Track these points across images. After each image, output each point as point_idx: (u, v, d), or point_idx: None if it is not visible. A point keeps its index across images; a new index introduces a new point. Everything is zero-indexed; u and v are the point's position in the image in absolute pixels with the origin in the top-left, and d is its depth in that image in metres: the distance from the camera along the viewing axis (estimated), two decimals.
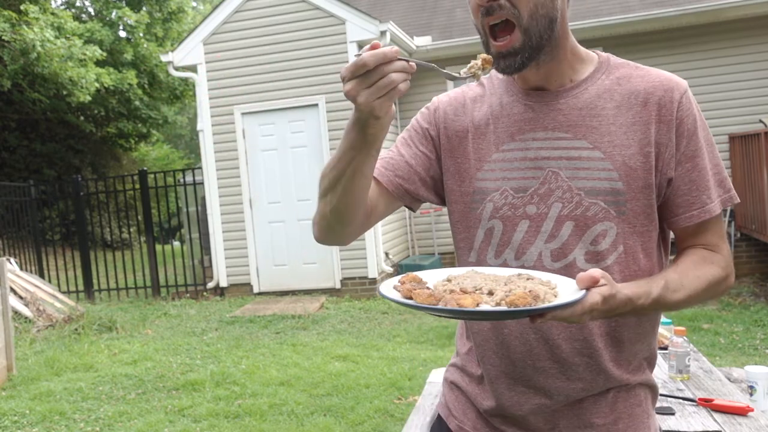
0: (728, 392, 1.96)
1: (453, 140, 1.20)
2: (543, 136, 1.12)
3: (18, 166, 14.50)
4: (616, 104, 1.11)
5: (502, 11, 1.05)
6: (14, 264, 8.36)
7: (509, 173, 1.14)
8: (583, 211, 1.10)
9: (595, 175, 1.09)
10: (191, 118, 23.48)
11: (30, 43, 10.70)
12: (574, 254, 1.11)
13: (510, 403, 1.18)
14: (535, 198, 1.12)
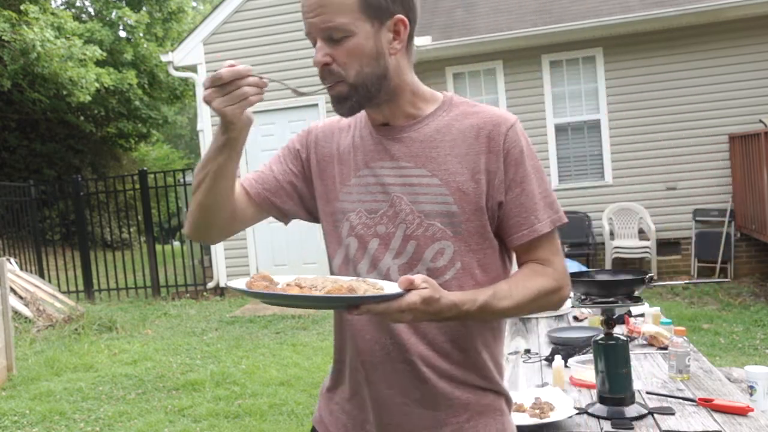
0: (728, 392, 1.96)
1: (321, 163, 1.34)
2: (389, 165, 1.27)
3: (18, 166, 14.49)
4: (452, 137, 1.26)
5: (332, 76, 1.23)
6: (14, 264, 8.36)
7: (363, 196, 1.29)
8: (423, 231, 1.24)
9: (433, 200, 1.24)
10: (191, 118, 23.48)
11: (30, 43, 10.70)
12: (417, 269, 1.24)
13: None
14: (384, 219, 1.27)
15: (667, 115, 8.55)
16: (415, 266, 1.24)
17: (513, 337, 2.83)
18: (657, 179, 8.62)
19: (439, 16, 9.82)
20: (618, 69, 8.69)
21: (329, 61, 1.23)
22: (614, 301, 1.85)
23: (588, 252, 8.51)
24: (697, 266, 8.46)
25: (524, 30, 8.63)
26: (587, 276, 2.07)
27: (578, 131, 8.93)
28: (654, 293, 7.61)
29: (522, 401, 1.88)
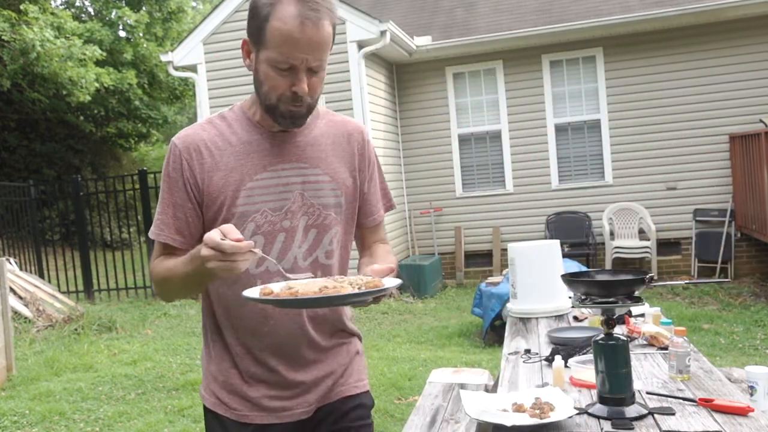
0: (728, 392, 1.96)
1: (205, 179, 1.44)
2: (290, 166, 1.46)
3: (18, 166, 14.48)
4: (332, 141, 1.52)
5: (303, 100, 1.40)
6: (14, 264, 8.36)
7: (267, 197, 1.44)
8: (322, 221, 1.49)
9: (328, 194, 1.49)
10: (191, 118, 23.46)
11: (30, 42, 10.70)
12: (317, 253, 1.49)
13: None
14: (288, 214, 1.46)
15: (668, 114, 8.55)
16: (315, 251, 1.49)
17: (513, 337, 2.83)
18: (657, 179, 8.62)
19: (439, 16, 9.82)
20: (618, 69, 8.69)
21: (306, 91, 1.39)
22: (614, 301, 1.84)
23: (588, 252, 8.51)
24: (698, 266, 8.46)
25: (524, 30, 8.63)
26: (587, 276, 2.06)
27: (578, 131, 8.93)
28: (654, 293, 7.61)
29: (522, 401, 1.87)
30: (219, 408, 1.57)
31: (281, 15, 1.33)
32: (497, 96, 9.13)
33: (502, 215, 9.15)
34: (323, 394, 1.55)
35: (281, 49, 1.34)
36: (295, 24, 1.32)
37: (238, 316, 1.50)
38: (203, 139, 1.45)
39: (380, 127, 8.65)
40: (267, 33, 1.35)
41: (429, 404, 3.10)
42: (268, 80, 1.39)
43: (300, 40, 1.33)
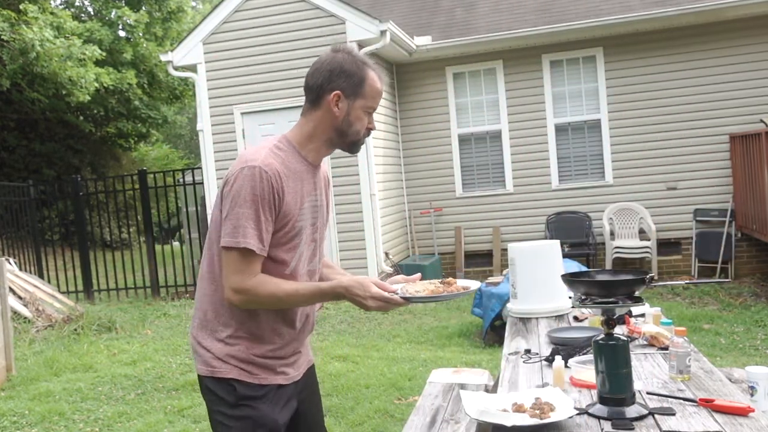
0: (729, 393, 1.95)
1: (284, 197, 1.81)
2: (317, 193, 1.94)
3: (17, 166, 14.48)
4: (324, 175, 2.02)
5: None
6: (13, 264, 8.35)
7: (309, 215, 1.90)
8: (323, 234, 2.01)
9: (327, 211, 2.01)
10: (191, 118, 23.48)
11: (29, 42, 10.69)
12: (323, 258, 2.06)
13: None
14: (317, 230, 1.96)
15: (668, 114, 8.55)
16: (322, 256, 2.04)
17: (513, 337, 2.82)
18: (657, 179, 8.62)
19: (439, 16, 9.82)
20: (618, 69, 8.69)
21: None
22: (615, 301, 1.84)
23: (588, 252, 8.50)
24: (698, 266, 8.46)
25: (524, 30, 8.62)
26: (587, 276, 2.06)
27: (578, 131, 8.92)
28: (654, 293, 7.61)
29: (522, 401, 1.87)
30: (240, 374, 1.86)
31: (372, 77, 1.91)
32: (497, 96, 9.13)
33: (502, 215, 9.15)
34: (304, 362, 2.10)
35: (374, 99, 1.93)
36: (379, 83, 1.94)
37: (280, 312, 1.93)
38: (278, 166, 1.80)
39: (380, 127, 8.64)
40: (365, 88, 1.88)
41: (429, 404, 3.10)
42: (359, 121, 1.89)
43: (380, 92, 1.97)
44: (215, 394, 1.88)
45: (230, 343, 1.87)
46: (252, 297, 1.78)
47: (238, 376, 1.86)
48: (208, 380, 1.89)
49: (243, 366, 1.87)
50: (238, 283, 1.76)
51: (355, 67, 1.85)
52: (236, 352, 1.87)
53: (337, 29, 8.09)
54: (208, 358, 1.88)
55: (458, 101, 9.27)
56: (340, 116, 1.85)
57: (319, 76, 1.85)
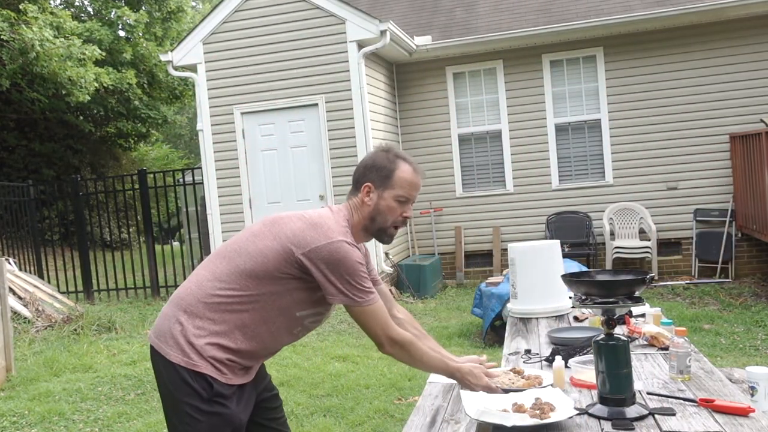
0: (729, 393, 1.95)
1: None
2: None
3: (17, 166, 14.47)
4: None
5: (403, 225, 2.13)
6: (13, 264, 8.35)
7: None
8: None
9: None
10: (191, 118, 23.47)
11: (29, 42, 10.68)
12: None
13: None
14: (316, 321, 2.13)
15: (668, 114, 8.54)
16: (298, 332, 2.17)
17: (513, 337, 2.82)
18: (657, 179, 8.62)
19: (439, 16, 9.82)
20: (618, 68, 8.69)
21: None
22: (615, 301, 1.84)
23: (588, 252, 8.50)
24: (698, 266, 8.45)
25: (524, 29, 8.62)
26: (588, 276, 2.06)
27: (578, 131, 8.92)
28: (655, 293, 7.60)
29: (522, 401, 1.87)
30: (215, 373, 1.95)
31: (403, 168, 2.07)
32: (497, 96, 9.13)
33: (502, 215, 9.15)
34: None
35: (404, 188, 2.06)
36: (414, 175, 2.09)
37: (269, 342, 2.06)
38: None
39: (380, 127, 8.64)
40: (395, 179, 2.05)
41: (429, 404, 3.09)
42: (390, 210, 2.06)
43: (416, 183, 2.09)
44: (191, 387, 1.94)
45: (213, 345, 1.95)
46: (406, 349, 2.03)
47: (212, 373, 1.94)
48: (184, 371, 1.94)
49: (219, 366, 1.96)
50: (392, 334, 2.01)
51: (387, 161, 2.07)
52: (217, 354, 1.96)
53: (337, 29, 8.09)
54: (189, 351, 1.94)
55: (458, 101, 9.27)
56: (371, 205, 2.06)
57: (359, 170, 2.12)
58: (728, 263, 8.30)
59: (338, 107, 8.16)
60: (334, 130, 8.17)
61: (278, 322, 2.00)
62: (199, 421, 1.94)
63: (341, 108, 8.13)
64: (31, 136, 14.94)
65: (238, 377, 2.01)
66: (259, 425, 2.16)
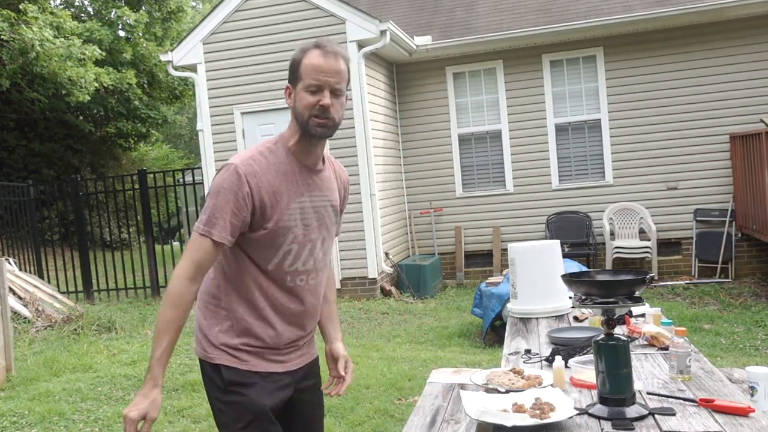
0: (729, 393, 1.95)
1: (263, 197, 1.86)
2: (317, 194, 1.97)
3: (17, 166, 14.47)
4: (333, 178, 2.07)
5: (327, 114, 1.87)
6: (13, 264, 8.35)
7: (302, 215, 1.93)
8: (330, 235, 2.05)
9: (332, 216, 2.04)
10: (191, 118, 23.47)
11: (29, 42, 10.68)
12: (326, 259, 2.04)
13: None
14: (314, 231, 1.97)
15: (668, 114, 8.54)
16: (325, 257, 2.03)
17: (513, 337, 2.82)
18: (658, 179, 8.62)
19: (439, 16, 9.82)
20: (619, 68, 8.69)
21: (331, 105, 1.87)
22: (615, 301, 1.84)
23: (588, 252, 8.50)
24: (698, 266, 8.45)
25: (524, 30, 8.62)
26: (588, 276, 2.06)
27: (579, 131, 8.92)
28: (655, 293, 7.60)
29: (522, 401, 1.87)
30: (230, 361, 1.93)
31: (310, 56, 1.87)
32: (497, 96, 9.13)
33: (502, 215, 9.15)
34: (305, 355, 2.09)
35: (311, 76, 1.86)
36: (320, 58, 1.87)
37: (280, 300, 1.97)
38: (257, 167, 1.86)
39: (380, 126, 8.64)
40: (301, 69, 1.87)
41: (429, 404, 3.10)
42: (302, 101, 1.86)
43: (322, 66, 1.86)
44: (210, 379, 1.99)
45: (225, 330, 1.94)
46: (169, 287, 1.82)
47: (227, 362, 1.93)
48: (205, 364, 2.00)
49: (233, 353, 1.93)
50: (183, 269, 1.81)
51: (296, 55, 1.90)
52: (228, 340, 1.94)
53: (336, 29, 8.08)
54: (205, 344, 1.97)
55: (458, 101, 9.27)
56: (292, 106, 1.90)
57: None
58: (728, 263, 8.30)
59: None
60: None
61: (254, 273, 1.90)
62: (223, 413, 1.96)
63: None
64: (31, 136, 14.94)
65: (263, 362, 1.95)
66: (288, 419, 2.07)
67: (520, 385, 2.06)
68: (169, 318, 1.80)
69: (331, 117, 1.87)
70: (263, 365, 1.95)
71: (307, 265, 1.96)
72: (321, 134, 1.88)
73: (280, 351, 1.99)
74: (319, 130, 1.87)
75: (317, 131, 1.87)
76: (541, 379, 2.10)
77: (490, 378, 2.16)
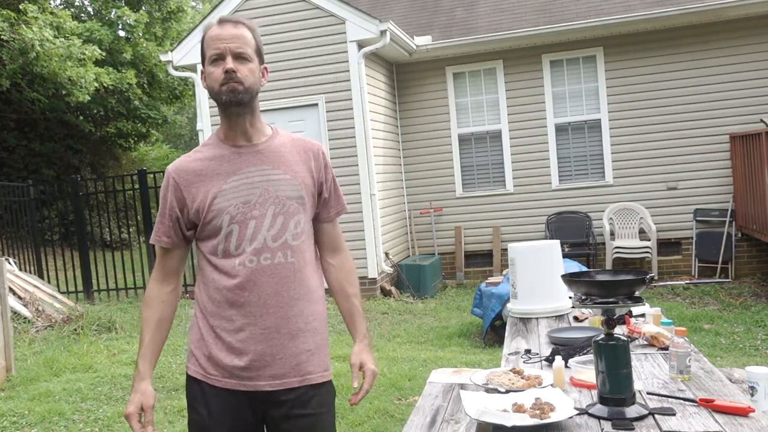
0: (729, 393, 1.95)
1: (190, 190, 1.85)
2: (254, 169, 1.86)
3: (17, 166, 14.47)
4: (290, 150, 1.93)
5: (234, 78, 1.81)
6: (13, 264, 8.35)
7: (237, 194, 1.83)
8: (287, 209, 1.86)
9: (290, 188, 1.87)
10: (191, 118, 23.47)
11: (29, 42, 10.69)
12: (285, 236, 1.85)
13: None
14: (256, 206, 1.83)
15: (668, 114, 8.54)
16: (284, 234, 1.85)
17: (513, 337, 2.82)
18: (658, 179, 8.62)
19: (439, 16, 9.82)
20: (619, 68, 8.69)
21: (235, 69, 1.81)
22: (615, 301, 1.84)
23: (588, 252, 8.50)
24: (698, 266, 8.45)
25: (524, 30, 8.62)
26: (588, 276, 2.06)
27: (578, 131, 8.92)
28: (655, 293, 7.60)
29: (522, 401, 1.87)
30: (192, 368, 1.88)
31: (209, 31, 1.86)
32: (497, 96, 9.13)
33: (502, 215, 9.15)
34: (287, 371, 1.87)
35: (212, 46, 1.83)
36: (216, 29, 1.85)
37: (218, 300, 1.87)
38: (184, 163, 1.89)
39: (380, 126, 8.64)
40: (204, 46, 1.86)
41: (429, 404, 3.10)
42: (210, 76, 1.83)
43: (220, 34, 1.83)
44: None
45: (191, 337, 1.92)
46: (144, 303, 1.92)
47: (191, 370, 1.89)
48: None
49: (192, 354, 1.89)
50: (153, 272, 1.93)
51: (201, 35, 1.92)
52: (192, 337, 1.91)
53: (337, 29, 8.08)
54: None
55: (458, 101, 9.27)
56: (207, 87, 1.86)
57: None
58: (728, 263, 8.30)
59: (338, 107, 8.15)
60: (334, 130, 8.16)
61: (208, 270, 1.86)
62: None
63: (341, 108, 8.13)
64: (31, 136, 14.94)
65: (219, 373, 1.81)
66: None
67: (519, 385, 2.06)
68: (144, 316, 1.87)
69: (239, 80, 1.80)
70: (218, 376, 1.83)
71: (256, 243, 1.81)
72: (231, 99, 1.81)
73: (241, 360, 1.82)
74: (229, 95, 1.80)
75: (227, 97, 1.80)
76: (541, 379, 2.10)
77: (489, 378, 2.16)
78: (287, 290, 1.82)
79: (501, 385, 2.07)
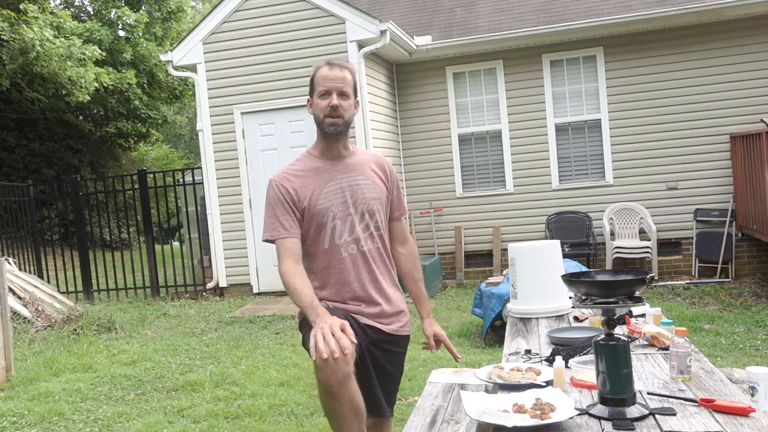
0: (730, 393, 1.95)
1: (300, 193, 2.42)
2: (345, 177, 2.46)
3: (17, 166, 14.48)
4: (366, 162, 2.54)
5: (338, 112, 2.40)
6: (13, 264, 8.35)
7: (335, 196, 2.42)
8: (370, 207, 2.47)
9: (369, 190, 2.48)
10: (191, 118, 23.48)
11: (29, 42, 10.69)
12: (371, 228, 2.47)
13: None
14: (350, 206, 2.44)
15: (668, 114, 8.54)
16: (369, 227, 2.46)
17: (513, 337, 2.82)
18: (658, 179, 8.61)
19: (439, 16, 9.81)
20: (619, 68, 8.69)
21: (338, 105, 2.38)
22: (615, 301, 1.84)
23: (588, 252, 8.50)
24: (698, 266, 8.45)
25: (524, 29, 8.62)
26: (588, 276, 2.05)
27: (579, 131, 8.92)
28: (655, 293, 7.60)
29: (523, 402, 1.87)
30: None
31: (320, 70, 2.43)
32: (497, 96, 9.12)
33: (502, 215, 9.15)
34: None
35: (321, 83, 2.40)
36: (327, 70, 2.41)
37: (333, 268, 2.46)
38: (287, 173, 2.45)
39: (380, 126, 8.64)
40: (314, 81, 2.43)
41: (429, 405, 3.09)
42: (317, 106, 2.41)
43: (329, 75, 2.40)
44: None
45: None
46: (282, 280, 2.33)
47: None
48: None
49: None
50: (281, 264, 2.35)
51: (312, 73, 2.45)
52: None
53: (336, 29, 8.08)
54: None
55: (458, 101, 9.27)
56: (312, 113, 2.45)
57: None
58: (728, 263, 8.30)
59: None
60: None
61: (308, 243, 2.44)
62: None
63: None
64: (31, 136, 14.95)
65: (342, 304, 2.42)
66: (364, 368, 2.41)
67: (518, 378, 2.14)
68: (294, 282, 2.27)
69: (341, 115, 2.38)
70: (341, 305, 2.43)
71: (354, 234, 2.42)
72: (333, 131, 2.40)
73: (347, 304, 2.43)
74: (332, 128, 2.40)
75: (330, 129, 2.40)
76: (539, 370, 2.18)
77: (490, 373, 2.23)
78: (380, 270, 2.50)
79: (500, 378, 2.16)
